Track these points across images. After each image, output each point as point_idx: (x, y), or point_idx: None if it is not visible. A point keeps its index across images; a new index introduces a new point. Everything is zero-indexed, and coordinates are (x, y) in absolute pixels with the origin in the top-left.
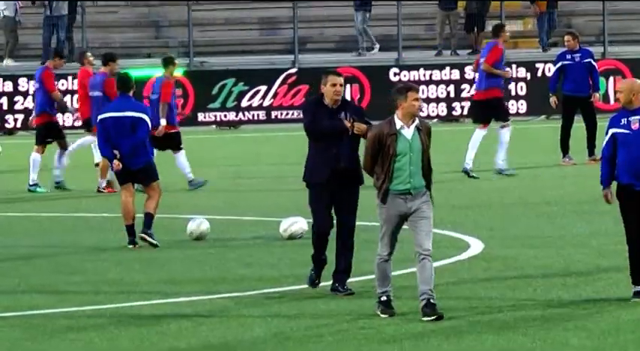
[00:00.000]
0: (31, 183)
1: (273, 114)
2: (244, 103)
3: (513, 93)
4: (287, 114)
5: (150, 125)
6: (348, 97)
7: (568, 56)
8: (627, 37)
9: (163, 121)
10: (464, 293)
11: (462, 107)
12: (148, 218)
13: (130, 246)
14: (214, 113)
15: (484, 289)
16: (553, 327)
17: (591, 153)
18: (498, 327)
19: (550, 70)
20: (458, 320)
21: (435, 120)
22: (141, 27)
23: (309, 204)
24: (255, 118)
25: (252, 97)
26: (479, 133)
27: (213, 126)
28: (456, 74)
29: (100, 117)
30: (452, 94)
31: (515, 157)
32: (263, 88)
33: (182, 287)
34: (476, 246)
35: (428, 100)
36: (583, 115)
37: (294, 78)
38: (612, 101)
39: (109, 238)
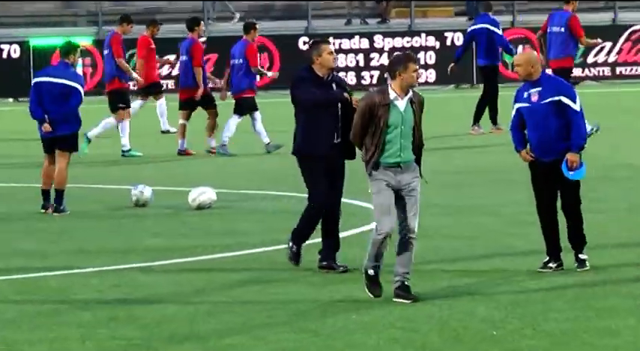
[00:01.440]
0: (124, 149)
1: None
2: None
3: (422, 62)
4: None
5: (82, 95)
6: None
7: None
8: (536, 5)
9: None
10: None
11: (372, 76)
12: (58, 194)
13: (42, 210)
14: None
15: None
16: (461, 297)
17: (494, 122)
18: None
19: (459, 38)
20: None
21: None
22: None
23: (307, 176)
24: None
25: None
26: None
27: None
28: (365, 43)
29: (34, 80)
30: (361, 63)
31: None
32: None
33: (91, 258)
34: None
35: (337, 70)
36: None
37: None
38: None
39: (21, 209)
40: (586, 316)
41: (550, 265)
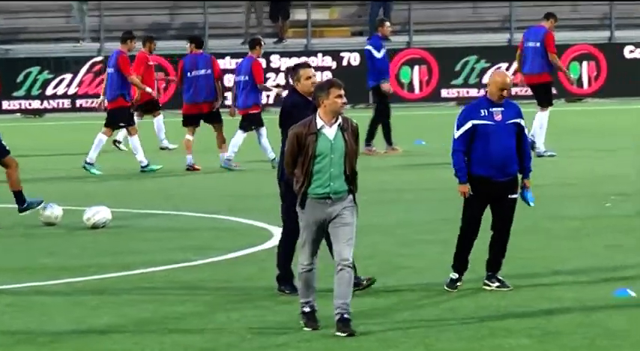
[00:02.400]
0: (88, 161)
1: (78, 102)
2: (49, 91)
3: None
4: (93, 102)
5: None
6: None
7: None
8: (433, 26)
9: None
10: (267, 284)
11: (267, 96)
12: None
13: None
14: (19, 101)
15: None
16: (355, 317)
17: (389, 142)
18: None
19: (356, 58)
20: (261, 310)
21: None
22: None
23: (287, 205)
24: (60, 106)
25: (57, 85)
26: None
27: (18, 114)
28: (262, 63)
29: None
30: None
31: None
32: (68, 76)
33: None
34: (279, 235)
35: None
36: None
37: (99, 66)
38: (417, 90)
39: None
40: (480, 335)
41: (459, 283)
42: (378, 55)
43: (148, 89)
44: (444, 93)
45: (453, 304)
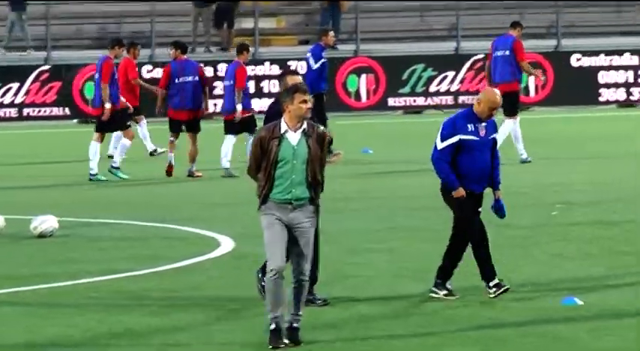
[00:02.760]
0: (114, 165)
1: (25, 111)
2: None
3: (267, 90)
4: (39, 111)
5: None
6: None
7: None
8: (382, 34)
9: (239, 107)
10: (214, 293)
11: (215, 105)
12: None
13: None
14: None
15: (234, 287)
16: (303, 326)
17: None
18: (249, 328)
19: (303, 67)
20: (208, 319)
21: None
22: None
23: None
24: (7, 115)
25: (4, 94)
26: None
27: None
28: (209, 71)
29: None
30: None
31: None
32: (15, 85)
33: None
34: (227, 244)
35: None
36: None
37: (46, 75)
38: (364, 99)
39: None
40: (429, 343)
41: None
42: (314, 65)
43: (108, 105)
44: (391, 102)
45: (401, 313)
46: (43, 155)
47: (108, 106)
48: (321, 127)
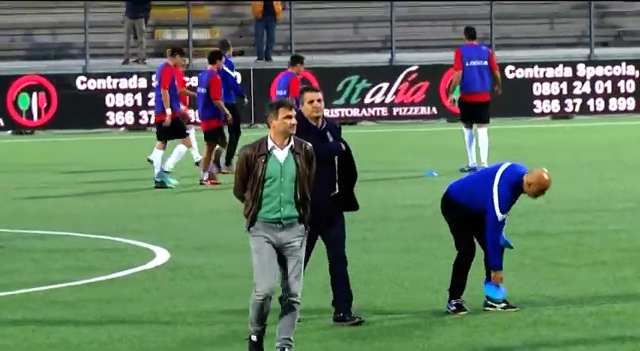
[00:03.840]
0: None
1: None
2: None
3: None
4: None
5: None
6: (34, 106)
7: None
8: (316, 46)
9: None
10: (149, 304)
11: (149, 116)
12: None
13: None
14: None
15: (169, 298)
16: (233, 339)
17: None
18: (183, 339)
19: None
20: (142, 330)
21: (122, 129)
22: None
23: None
24: None
25: None
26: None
27: None
28: (143, 83)
29: None
30: (139, 103)
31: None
32: None
33: None
34: (162, 255)
35: (115, 109)
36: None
37: None
38: None
39: None
40: None
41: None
42: (232, 73)
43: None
44: (326, 112)
45: (335, 324)
46: None
47: (169, 111)
48: (309, 144)
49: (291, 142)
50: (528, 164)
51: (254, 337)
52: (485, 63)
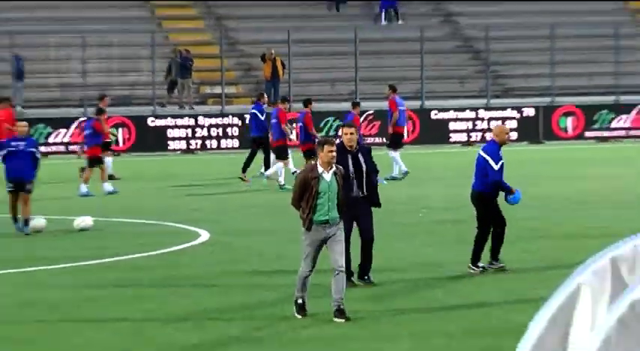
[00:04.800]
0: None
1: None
2: None
3: (229, 134)
4: None
5: None
6: (120, 137)
7: None
8: (305, 97)
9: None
10: (198, 267)
11: (196, 143)
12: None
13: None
14: None
15: (209, 265)
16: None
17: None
18: (217, 292)
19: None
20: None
21: (178, 152)
22: None
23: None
24: None
25: None
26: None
27: None
28: (192, 121)
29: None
30: (189, 135)
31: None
32: None
33: None
34: (205, 236)
35: (173, 139)
36: None
37: None
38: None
39: None
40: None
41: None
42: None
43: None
44: None
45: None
46: None
47: (292, 137)
48: (341, 168)
49: (333, 168)
50: (444, 177)
51: (299, 301)
52: (404, 108)
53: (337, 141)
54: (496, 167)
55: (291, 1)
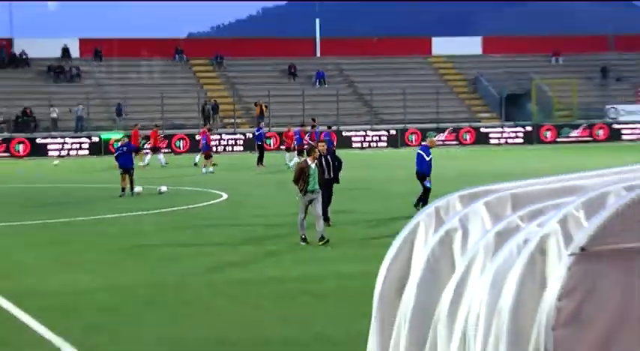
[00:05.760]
0: None
1: None
2: None
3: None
4: None
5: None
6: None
7: None
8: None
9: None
10: (218, 218)
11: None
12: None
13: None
14: None
15: (227, 218)
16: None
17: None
18: (234, 234)
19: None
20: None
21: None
22: None
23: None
24: None
25: None
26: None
27: None
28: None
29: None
30: (219, 150)
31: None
32: None
33: None
34: (225, 196)
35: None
36: None
37: None
38: None
39: None
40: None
41: None
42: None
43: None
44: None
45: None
46: None
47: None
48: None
49: (316, 161)
50: (373, 173)
51: (303, 236)
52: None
53: (321, 145)
54: (427, 159)
55: (271, 73)
